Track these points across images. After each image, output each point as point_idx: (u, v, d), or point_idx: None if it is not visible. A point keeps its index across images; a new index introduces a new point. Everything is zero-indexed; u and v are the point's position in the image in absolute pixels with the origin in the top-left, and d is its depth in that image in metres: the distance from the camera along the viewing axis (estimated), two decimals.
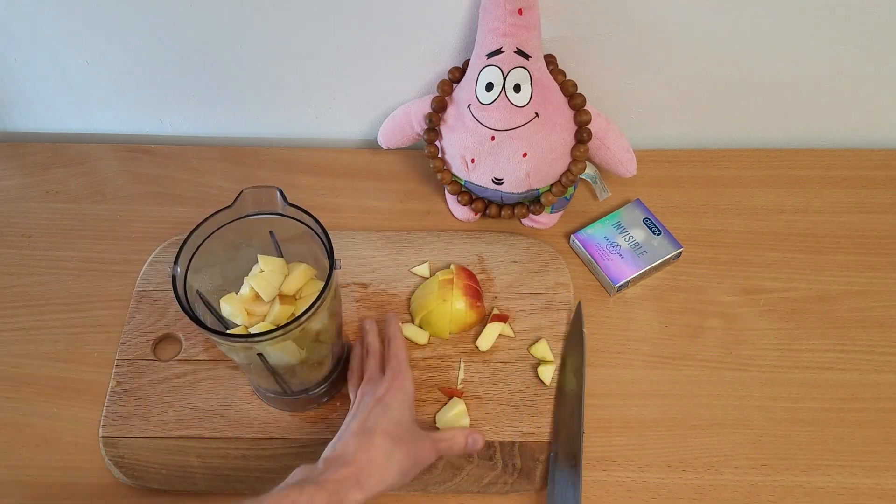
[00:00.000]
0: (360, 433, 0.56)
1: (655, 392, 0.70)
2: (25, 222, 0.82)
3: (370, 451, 0.55)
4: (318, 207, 0.62)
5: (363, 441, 0.55)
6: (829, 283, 0.76)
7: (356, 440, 0.56)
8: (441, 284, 0.72)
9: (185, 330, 0.74)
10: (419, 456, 0.58)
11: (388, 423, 0.57)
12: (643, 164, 0.79)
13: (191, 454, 0.67)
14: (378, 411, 0.58)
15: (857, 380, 0.70)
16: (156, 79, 0.83)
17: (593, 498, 0.65)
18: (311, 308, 0.55)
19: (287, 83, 0.83)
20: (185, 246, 0.58)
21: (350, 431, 0.57)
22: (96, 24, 0.77)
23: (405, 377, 0.61)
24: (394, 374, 0.61)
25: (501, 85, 0.69)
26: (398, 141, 0.81)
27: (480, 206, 0.79)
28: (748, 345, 0.72)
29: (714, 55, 0.77)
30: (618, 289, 0.75)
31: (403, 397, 0.60)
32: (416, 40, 0.76)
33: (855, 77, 0.79)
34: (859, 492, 0.65)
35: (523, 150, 0.71)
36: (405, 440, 0.57)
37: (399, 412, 0.58)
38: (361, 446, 0.55)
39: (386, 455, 0.55)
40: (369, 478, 0.53)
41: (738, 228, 0.80)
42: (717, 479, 0.66)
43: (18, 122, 0.90)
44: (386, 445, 0.55)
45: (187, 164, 0.87)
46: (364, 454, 0.54)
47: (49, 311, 0.76)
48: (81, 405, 0.70)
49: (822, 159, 0.85)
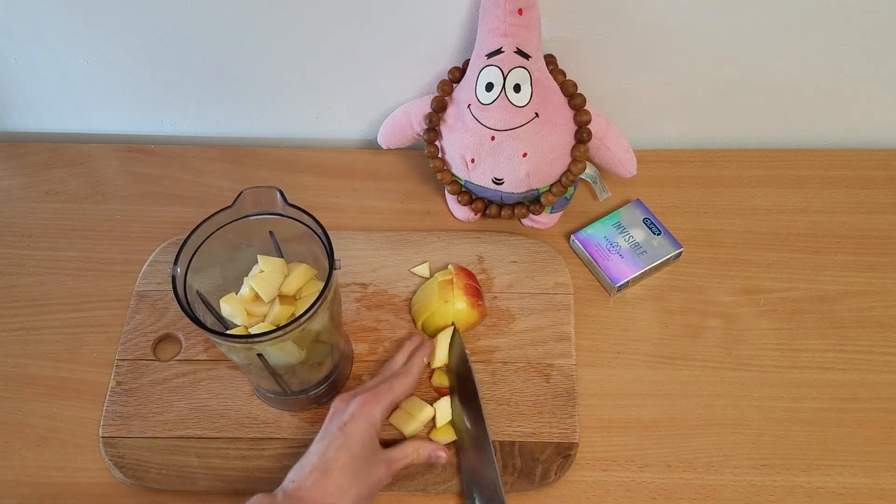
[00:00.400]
0: (319, 468, 0.57)
1: (655, 392, 0.70)
2: (25, 222, 0.83)
3: (326, 489, 0.56)
4: (318, 207, 0.62)
5: (320, 478, 0.57)
6: (829, 283, 0.76)
7: (313, 476, 0.57)
8: (441, 285, 0.72)
9: (185, 330, 0.74)
10: (374, 483, 0.60)
11: (346, 458, 0.58)
12: (643, 164, 0.79)
13: (191, 454, 0.67)
14: (338, 443, 0.59)
15: (857, 380, 0.70)
16: (156, 79, 0.83)
17: (593, 498, 0.65)
18: (311, 308, 0.55)
19: (287, 83, 0.83)
20: (185, 246, 0.58)
21: (311, 463, 0.58)
22: (96, 24, 0.77)
23: (373, 406, 0.61)
24: (363, 401, 0.61)
25: (501, 85, 0.69)
26: (398, 141, 0.81)
27: (480, 206, 0.79)
28: (748, 345, 0.72)
29: (714, 55, 0.77)
30: (618, 289, 0.75)
31: (366, 427, 0.60)
32: (416, 40, 0.76)
33: (855, 77, 0.79)
34: (859, 492, 0.65)
35: (523, 150, 0.71)
36: (361, 472, 0.58)
37: (359, 444, 0.59)
38: (317, 483, 0.56)
39: (341, 493, 0.57)
40: None
41: (738, 228, 0.80)
42: (717, 479, 0.66)
43: (18, 122, 0.90)
44: (342, 483, 0.57)
45: (187, 164, 0.87)
46: (319, 492, 0.56)
47: (49, 311, 0.76)
48: (81, 405, 0.70)
49: (822, 159, 0.85)
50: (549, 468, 0.66)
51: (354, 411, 0.60)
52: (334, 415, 0.62)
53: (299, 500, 0.55)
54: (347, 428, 0.59)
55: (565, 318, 0.74)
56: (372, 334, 0.74)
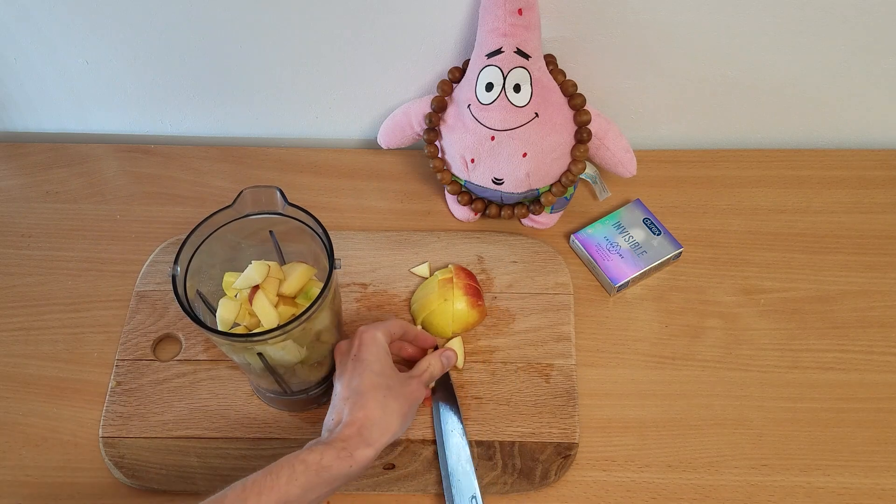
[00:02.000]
0: (349, 396, 0.57)
1: (655, 392, 0.70)
2: (25, 222, 0.83)
3: (366, 409, 0.55)
4: (318, 207, 0.62)
5: (355, 402, 0.56)
6: (829, 283, 0.76)
7: (348, 404, 0.56)
8: (441, 284, 0.72)
9: (185, 330, 0.74)
10: (411, 396, 0.59)
11: (371, 377, 0.57)
12: (643, 164, 0.79)
13: (191, 454, 0.67)
14: (358, 369, 0.58)
15: (857, 380, 0.70)
16: (156, 79, 0.83)
17: (593, 498, 0.65)
18: (311, 308, 0.55)
19: (287, 83, 0.83)
20: (184, 246, 0.58)
21: (340, 397, 0.57)
22: (96, 24, 0.77)
23: (373, 330, 0.61)
24: (360, 331, 0.61)
25: (501, 85, 0.69)
26: (398, 141, 0.81)
27: (480, 206, 0.79)
28: (748, 345, 0.72)
29: (714, 55, 0.77)
30: (618, 289, 0.75)
31: (376, 349, 0.60)
32: (416, 40, 0.76)
33: (855, 77, 0.79)
34: (859, 492, 0.65)
35: (523, 150, 0.71)
36: (393, 387, 0.58)
37: (377, 363, 0.59)
38: (355, 406, 0.56)
39: (381, 407, 0.56)
40: (372, 432, 0.55)
41: (738, 228, 0.80)
42: (717, 479, 0.66)
43: (18, 122, 0.90)
44: (378, 398, 0.56)
45: (187, 164, 0.87)
46: (360, 413, 0.55)
47: (49, 311, 0.76)
48: (81, 405, 0.70)
49: (822, 159, 0.85)
50: (549, 468, 0.66)
51: (358, 342, 0.60)
52: (342, 356, 0.61)
53: (345, 427, 0.54)
54: (360, 355, 0.59)
55: (565, 318, 0.74)
56: None
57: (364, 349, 0.60)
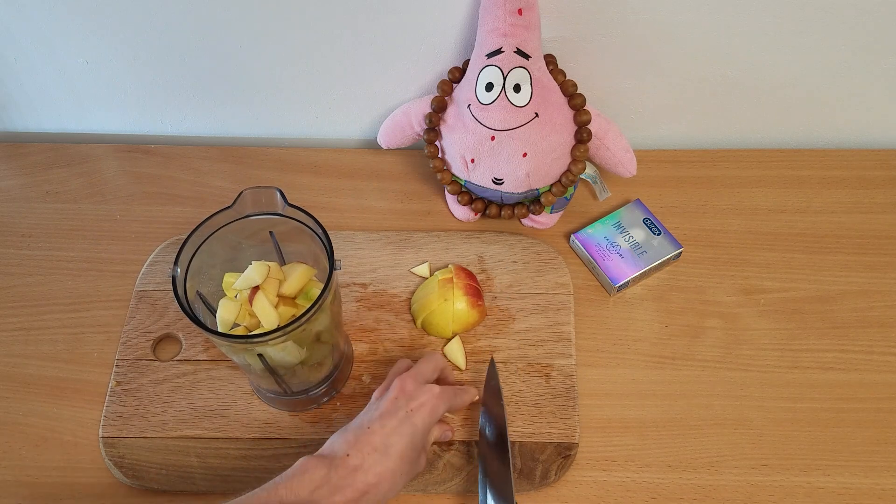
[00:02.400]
0: (380, 450, 0.55)
1: (655, 392, 0.70)
2: (25, 222, 0.83)
3: (382, 474, 0.55)
4: (318, 207, 0.62)
5: (379, 460, 0.55)
6: (829, 283, 0.76)
7: (373, 458, 0.55)
8: (441, 284, 0.72)
9: (185, 330, 0.74)
10: (417, 471, 0.59)
11: (405, 445, 0.56)
12: (643, 164, 0.79)
13: (191, 454, 0.67)
14: (403, 429, 0.57)
15: (857, 380, 0.70)
16: (156, 79, 0.83)
17: (593, 498, 0.65)
18: (311, 308, 0.55)
19: (287, 83, 0.83)
20: (185, 246, 0.58)
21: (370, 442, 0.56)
22: (96, 24, 0.77)
23: (442, 403, 0.60)
24: (438, 394, 0.59)
25: (501, 85, 0.69)
26: (398, 141, 0.81)
27: (480, 206, 0.79)
28: (748, 345, 0.73)
29: (714, 55, 0.77)
30: (618, 289, 0.75)
31: (430, 420, 0.59)
32: (416, 40, 0.76)
33: (855, 77, 0.79)
34: (859, 492, 0.65)
35: (523, 150, 0.71)
36: (413, 462, 0.58)
37: (420, 435, 0.58)
38: (377, 464, 0.55)
39: (394, 479, 0.56)
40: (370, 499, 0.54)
41: (738, 228, 0.80)
42: (717, 479, 0.66)
43: (18, 122, 0.90)
44: (396, 469, 0.56)
45: (187, 164, 0.87)
46: (374, 477, 0.54)
47: (49, 311, 0.76)
48: (81, 405, 0.70)
49: (822, 159, 0.85)
50: (549, 468, 0.66)
51: (426, 401, 0.59)
52: (402, 393, 0.59)
53: (354, 475, 0.54)
54: (415, 416, 0.58)
55: (565, 318, 0.74)
56: (372, 334, 0.74)
57: (422, 413, 0.58)
